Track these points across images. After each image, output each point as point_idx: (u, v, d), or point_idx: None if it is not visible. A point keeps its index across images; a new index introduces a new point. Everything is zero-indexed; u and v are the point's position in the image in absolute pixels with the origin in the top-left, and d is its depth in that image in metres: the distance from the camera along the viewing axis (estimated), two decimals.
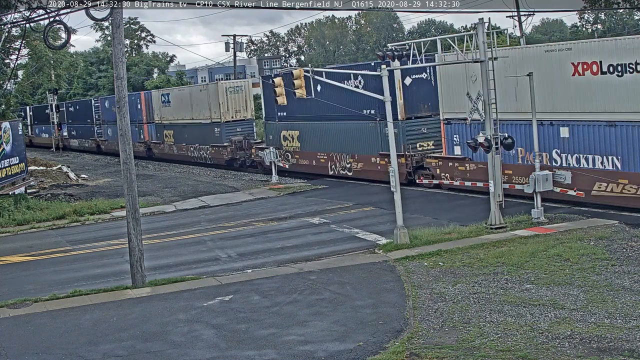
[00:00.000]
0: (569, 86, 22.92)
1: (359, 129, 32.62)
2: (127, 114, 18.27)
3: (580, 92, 22.81)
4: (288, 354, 12.73)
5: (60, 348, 13.97)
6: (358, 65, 35.99)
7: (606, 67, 21.86)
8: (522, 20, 49.98)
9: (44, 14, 19.92)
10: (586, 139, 23.03)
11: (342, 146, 34.07)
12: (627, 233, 19.59)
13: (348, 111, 31.21)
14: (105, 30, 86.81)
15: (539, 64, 23.51)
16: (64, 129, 70.64)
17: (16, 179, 35.93)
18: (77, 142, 68.39)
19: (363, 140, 32.53)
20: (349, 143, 33.54)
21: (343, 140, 34.02)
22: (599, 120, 22.38)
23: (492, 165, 21.97)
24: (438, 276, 16.93)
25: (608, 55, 21.77)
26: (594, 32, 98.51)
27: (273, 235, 23.71)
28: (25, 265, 22.23)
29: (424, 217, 24.39)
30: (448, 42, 24.71)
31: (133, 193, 18.17)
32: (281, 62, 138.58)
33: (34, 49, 48.92)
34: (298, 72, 23.34)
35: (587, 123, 22.82)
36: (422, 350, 12.33)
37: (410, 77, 30.20)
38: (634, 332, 12.42)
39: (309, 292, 16.46)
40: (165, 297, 16.97)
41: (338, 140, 34.37)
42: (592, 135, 22.84)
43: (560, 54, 23.09)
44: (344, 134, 33.87)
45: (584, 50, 22.56)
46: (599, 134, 22.56)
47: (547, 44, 27.42)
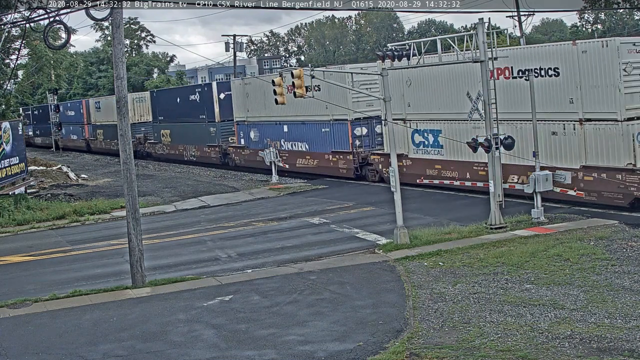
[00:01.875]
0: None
1: (198, 128, 46.12)
2: (127, 114, 18.28)
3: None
4: (288, 354, 12.73)
5: (60, 348, 13.97)
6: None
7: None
8: (522, 20, 50.00)
9: (44, 14, 19.93)
10: (296, 132, 36.75)
11: (191, 140, 47.49)
12: (627, 233, 19.59)
13: (192, 115, 46.57)
14: (105, 30, 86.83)
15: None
16: (29, 129, 78.00)
17: (16, 179, 35.93)
18: (40, 140, 79.69)
19: (199, 135, 46.08)
20: (193, 138, 47.09)
21: (191, 136, 47.31)
22: (298, 121, 36.34)
23: (492, 165, 21.97)
24: (438, 276, 16.93)
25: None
26: (594, 32, 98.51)
27: (273, 235, 23.71)
28: (25, 265, 22.23)
29: (424, 217, 24.39)
30: (448, 42, 24.70)
31: (133, 193, 18.17)
32: (281, 62, 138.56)
33: (34, 49, 48.90)
34: (298, 71, 23.34)
35: (296, 122, 36.44)
36: (422, 350, 12.33)
37: (224, 92, 43.64)
38: (634, 332, 12.43)
39: (309, 292, 16.46)
40: (165, 297, 16.97)
41: (188, 136, 47.89)
42: (298, 130, 36.56)
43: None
44: (191, 131, 47.12)
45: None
46: (300, 129, 36.38)
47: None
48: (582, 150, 23.08)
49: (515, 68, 24.81)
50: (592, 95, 22.63)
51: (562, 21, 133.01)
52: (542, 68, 23.91)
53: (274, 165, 36.41)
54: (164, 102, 50.73)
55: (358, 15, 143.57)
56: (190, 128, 46.93)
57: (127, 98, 18.40)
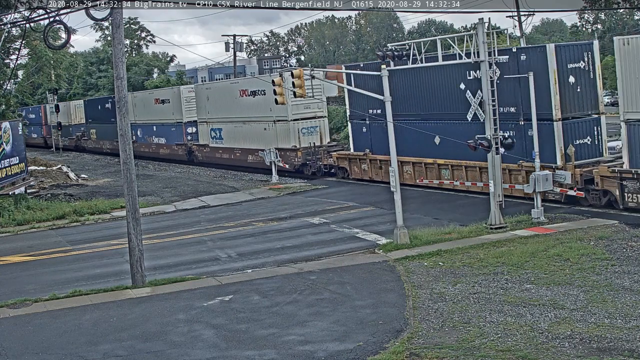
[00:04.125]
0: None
1: (113, 128, 51.50)
2: (127, 114, 18.27)
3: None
4: (288, 354, 12.73)
5: (60, 348, 13.97)
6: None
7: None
8: (522, 20, 49.95)
9: (44, 14, 19.91)
10: (248, 131, 40.79)
11: (108, 137, 58.35)
12: (627, 233, 19.59)
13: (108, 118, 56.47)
14: (105, 30, 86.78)
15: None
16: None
17: (16, 179, 35.91)
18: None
19: (112, 133, 52.29)
20: (107, 135, 57.98)
21: (108, 133, 57.76)
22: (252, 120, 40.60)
23: (492, 165, 21.98)
24: (438, 276, 16.93)
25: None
26: (594, 32, 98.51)
27: (273, 235, 23.70)
28: (25, 265, 22.22)
29: (424, 217, 24.39)
30: (448, 42, 24.71)
31: (133, 193, 18.16)
32: (281, 62, 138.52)
33: (34, 49, 48.90)
34: (298, 71, 23.35)
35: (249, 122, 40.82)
36: (422, 350, 12.33)
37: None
38: (634, 332, 12.42)
39: (309, 292, 16.46)
40: (165, 297, 16.97)
41: (107, 134, 58.71)
42: (250, 129, 40.56)
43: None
44: (108, 130, 57.87)
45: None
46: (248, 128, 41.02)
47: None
48: (275, 138, 37.52)
49: (249, 90, 39.72)
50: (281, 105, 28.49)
51: (562, 21, 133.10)
52: (255, 90, 39.01)
53: (274, 165, 36.39)
54: (91, 108, 64.92)
55: (358, 15, 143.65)
56: (107, 128, 59.58)
57: (127, 98, 18.39)
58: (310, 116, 37.09)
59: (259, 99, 38.74)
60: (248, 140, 40.61)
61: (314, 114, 37.13)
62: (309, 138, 36.89)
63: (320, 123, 37.38)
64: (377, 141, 31.76)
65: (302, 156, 36.43)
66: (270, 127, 38.24)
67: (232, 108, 41.83)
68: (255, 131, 39.58)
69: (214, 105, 44.25)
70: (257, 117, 39.20)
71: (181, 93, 48.10)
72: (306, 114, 36.95)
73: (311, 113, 36.99)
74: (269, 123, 38.24)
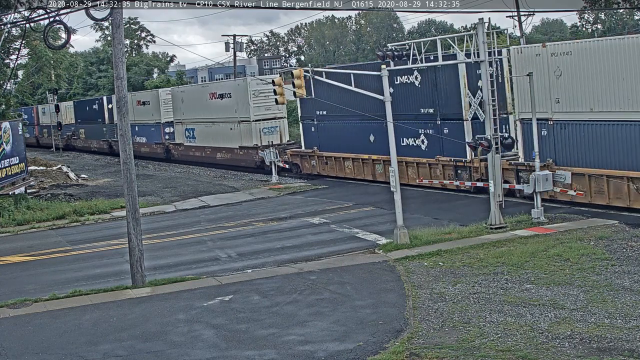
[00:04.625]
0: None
1: (97, 128, 63.15)
2: (127, 114, 18.28)
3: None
4: (288, 354, 12.73)
5: (60, 348, 13.97)
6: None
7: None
8: (522, 20, 49.98)
9: (44, 14, 19.90)
10: (217, 130, 43.60)
11: (94, 136, 64.30)
12: (627, 233, 19.59)
13: (94, 119, 62.03)
14: (105, 30, 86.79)
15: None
16: None
17: (16, 179, 35.91)
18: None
19: (99, 132, 62.76)
20: (95, 134, 63.71)
21: (94, 133, 64.01)
22: (219, 121, 43.51)
23: (492, 165, 21.99)
24: (438, 276, 16.93)
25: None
26: (594, 32, 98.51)
27: (273, 235, 23.71)
28: (25, 265, 22.22)
29: (424, 217, 24.39)
30: (448, 42, 24.72)
31: (133, 193, 18.17)
32: (281, 62, 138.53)
33: (34, 49, 48.87)
34: (298, 72, 23.35)
35: (217, 122, 43.70)
36: (422, 350, 12.33)
37: (110, 104, 57.23)
38: (634, 332, 12.43)
39: (309, 292, 16.46)
40: (165, 297, 16.97)
41: (94, 133, 64.36)
42: (218, 128, 43.54)
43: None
44: (94, 130, 64.40)
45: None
46: (216, 128, 43.70)
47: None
48: (240, 137, 40.43)
49: (218, 93, 42.99)
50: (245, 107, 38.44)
51: (562, 21, 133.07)
52: (222, 93, 42.18)
53: (274, 165, 36.45)
54: (80, 109, 67.50)
55: (358, 15, 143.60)
56: (94, 128, 64.07)
57: (127, 98, 18.40)
58: (271, 117, 40.14)
59: (226, 102, 41.94)
60: (217, 139, 43.73)
61: (275, 115, 40.15)
62: (270, 137, 40.05)
63: (280, 123, 40.55)
64: (323, 139, 35.37)
65: (261, 154, 39.26)
66: (235, 127, 41.46)
67: (203, 110, 45.00)
68: (223, 131, 42.69)
69: (187, 107, 47.20)
70: (225, 118, 42.29)
71: (159, 95, 50.93)
72: (267, 115, 40.11)
73: (272, 114, 40.04)
74: (235, 123, 41.39)
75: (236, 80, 46.66)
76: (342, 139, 33.64)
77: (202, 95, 45.32)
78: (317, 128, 35.99)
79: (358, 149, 32.70)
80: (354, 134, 32.85)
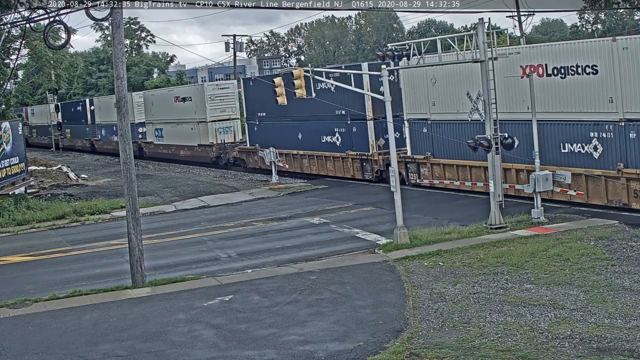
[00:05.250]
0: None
1: (81, 128, 68.29)
2: (127, 114, 18.29)
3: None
4: (288, 354, 12.73)
5: (60, 348, 13.97)
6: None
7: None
8: (522, 20, 49.98)
9: (44, 14, 19.90)
10: (180, 130, 48.36)
11: (80, 136, 68.79)
12: (627, 233, 19.59)
13: (77, 120, 67.03)
14: (105, 30, 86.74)
15: None
16: None
17: (16, 179, 35.92)
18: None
19: (82, 132, 67.75)
20: (79, 134, 68.87)
21: (79, 133, 69.07)
22: (182, 122, 48.93)
23: (492, 165, 21.98)
24: (438, 276, 16.93)
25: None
26: (594, 32, 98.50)
27: (273, 235, 23.70)
28: (25, 265, 22.22)
29: (424, 217, 24.39)
30: (448, 42, 24.72)
31: (133, 193, 18.17)
32: (281, 62, 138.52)
33: (34, 49, 48.86)
34: (298, 71, 23.34)
35: (181, 123, 48.56)
36: (422, 350, 12.33)
37: (92, 106, 64.64)
38: (634, 332, 12.43)
39: (309, 292, 16.46)
40: (165, 297, 16.97)
41: (79, 133, 69.18)
42: (181, 128, 48.30)
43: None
44: (78, 130, 69.90)
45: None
46: (180, 128, 48.40)
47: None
48: (199, 136, 44.97)
49: (181, 96, 47.55)
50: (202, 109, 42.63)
51: (562, 21, 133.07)
52: (185, 97, 47.07)
53: (274, 165, 36.50)
54: (66, 111, 71.29)
55: (358, 15, 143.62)
56: (78, 128, 69.01)
57: (127, 98, 18.42)
58: (225, 118, 44.91)
59: (187, 104, 46.74)
60: (180, 138, 48.50)
61: (229, 116, 45.04)
62: (225, 136, 44.66)
63: (233, 124, 45.17)
64: (263, 138, 39.66)
65: (216, 151, 44.35)
66: (195, 127, 45.98)
67: (169, 112, 49.58)
68: (185, 130, 47.32)
69: (157, 109, 51.77)
70: (186, 119, 47.02)
71: (133, 98, 54.65)
72: (222, 117, 44.88)
73: (226, 116, 44.98)
74: (194, 124, 46.12)
75: (195, 85, 52.14)
76: (278, 137, 38.16)
77: (169, 98, 49.82)
78: (258, 128, 40.40)
79: (290, 145, 37.54)
80: (287, 133, 37.64)
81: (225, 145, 43.78)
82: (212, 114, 44.61)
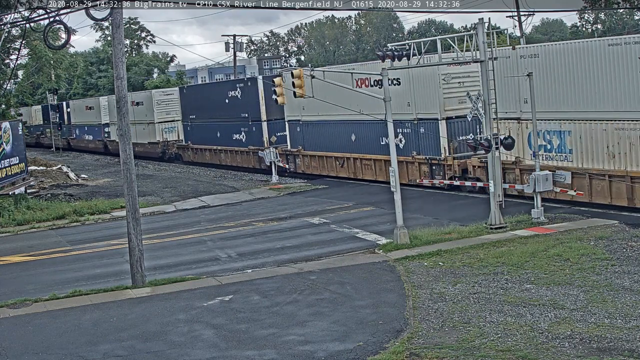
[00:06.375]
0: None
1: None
2: (127, 114, 18.28)
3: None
4: (288, 354, 12.73)
5: (60, 348, 13.98)
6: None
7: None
8: (522, 20, 49.99)
9: (44, 14, 19.91)
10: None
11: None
12: (627, 233, 19.59)
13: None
14: (105, 30, 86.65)
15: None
16: None
17: (16, 179, 35.92)
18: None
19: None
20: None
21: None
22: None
23: (492, 165, 21.98)
24: (438, 276, 16.93)
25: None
26: (594, 32, 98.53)
27: (273, 235, 23.71)
28: (25, 265, 22.23)
29: (424, 217, 24.39)
30: (448, 42, 24.72)
31: (133, 193, 18.17)
32: (281, 62, 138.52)
33: (34, 49, 48.88)
34: (298, 71, 23.35)
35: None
36: (422, 350, 12.33)
37: (68, 109, 71.16)
38: (634, 332, 12.43)
39: (309, 292, 16.46)
40: (165, 297, 16.97)
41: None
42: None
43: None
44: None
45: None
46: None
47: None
48: (149, 135, 52.92)
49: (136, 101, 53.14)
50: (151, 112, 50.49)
51: (562, 21, 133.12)
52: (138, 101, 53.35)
53: (274, 165, 36.52)
54: (46, 113, 75.37)
55: (358, 15, 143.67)
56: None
57: (127, 98, 18.41)
58: (170, 120, 52.62)
59: (140, 108, 53.77)
60: (136, 136, 51.30)
61: (173, 118, 52.38)
62: (169, 135, 52.84)
63: (177, 124, 52.18)
64: (196, 136, 47.98)
65: (161, 147, 52.52)
66: (146, 127, 53.48)
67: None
68: (139, 130, 52.75)
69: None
70: (140, 120, 53.24)
71: (100, 102, 63.11)
72: (167, 118, 52.69)
73: (171, 117, 52.53)
74: (146, 124, 53.57)
75: (145, 92, 58.66)
76: (205, 136, 46.25)
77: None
78: (191, 127, 48.57)
79: (220, 143, 44.87)
80: (210, 132, 45.57)
81: (168, 143, 52.51)
82: (159, 116, 52.70)
